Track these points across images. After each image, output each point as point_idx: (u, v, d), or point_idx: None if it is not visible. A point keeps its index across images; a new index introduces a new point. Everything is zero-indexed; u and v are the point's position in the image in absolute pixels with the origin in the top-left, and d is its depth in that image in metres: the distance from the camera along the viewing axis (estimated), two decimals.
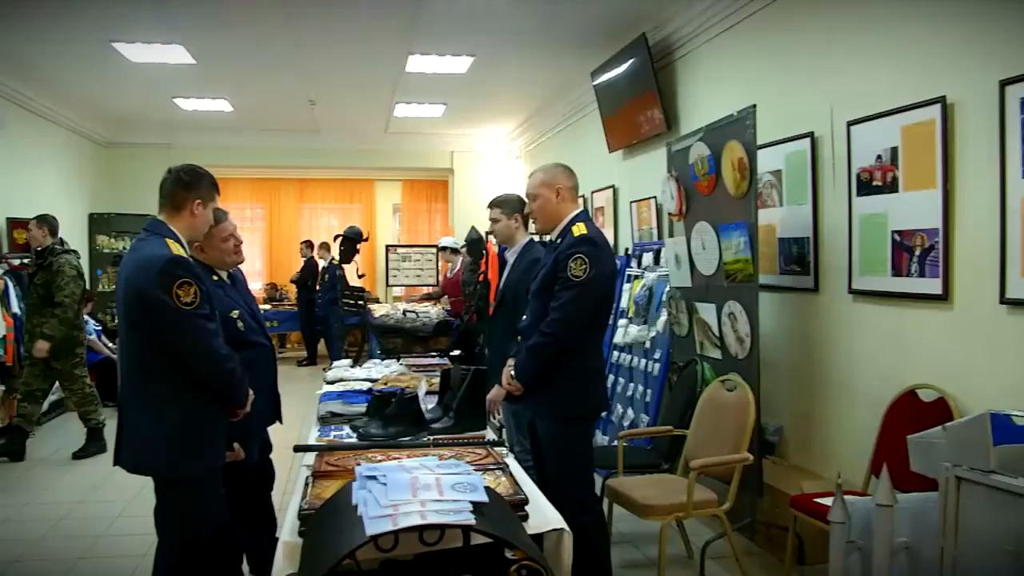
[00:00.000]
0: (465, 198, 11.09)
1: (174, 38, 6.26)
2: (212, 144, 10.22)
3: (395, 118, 9.59)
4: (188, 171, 2.79)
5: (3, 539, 4.32)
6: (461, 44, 6.50)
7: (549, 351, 3.02)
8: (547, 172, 3.28)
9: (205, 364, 2.59)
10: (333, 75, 7.54)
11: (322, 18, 5.81)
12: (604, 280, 3.06)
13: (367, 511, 1.61)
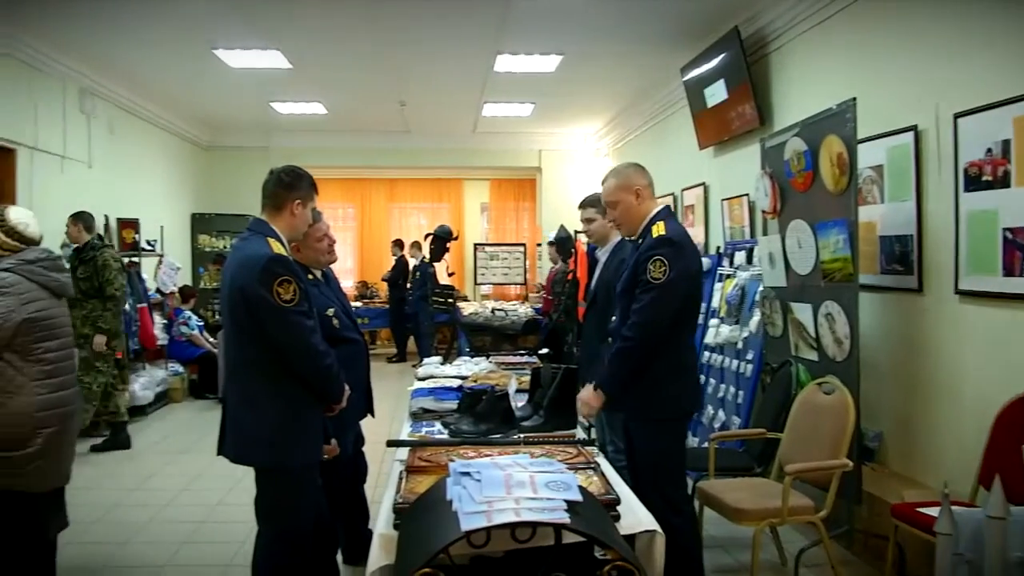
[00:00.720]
0: (553, 197, 11.09)
1: (271, 44, 6.47)
2: (306, 146, 10.54)
3: (483, 117, 9.67)
4: (289, 172, 2.88)
5: (113, 523, 4.54)
6: (549, 43, 6.50)
7: (632, 356, 2.96)
8: (620, 175, 3.21)
9: (303, 360, 2.67)
10: (423, 76, 7.66)
11: (412, 21, 5.91)
12: (687, 279, 2.97)
13: (462, 507, 1.63)
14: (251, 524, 2.91)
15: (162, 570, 3.87)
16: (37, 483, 3.03)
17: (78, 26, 5.97)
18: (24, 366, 2.97)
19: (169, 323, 8.42)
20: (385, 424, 5.51)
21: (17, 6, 5.48)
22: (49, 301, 3.11)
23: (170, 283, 8.57)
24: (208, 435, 6.64)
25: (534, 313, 7.77)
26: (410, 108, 9.12)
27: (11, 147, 6.14)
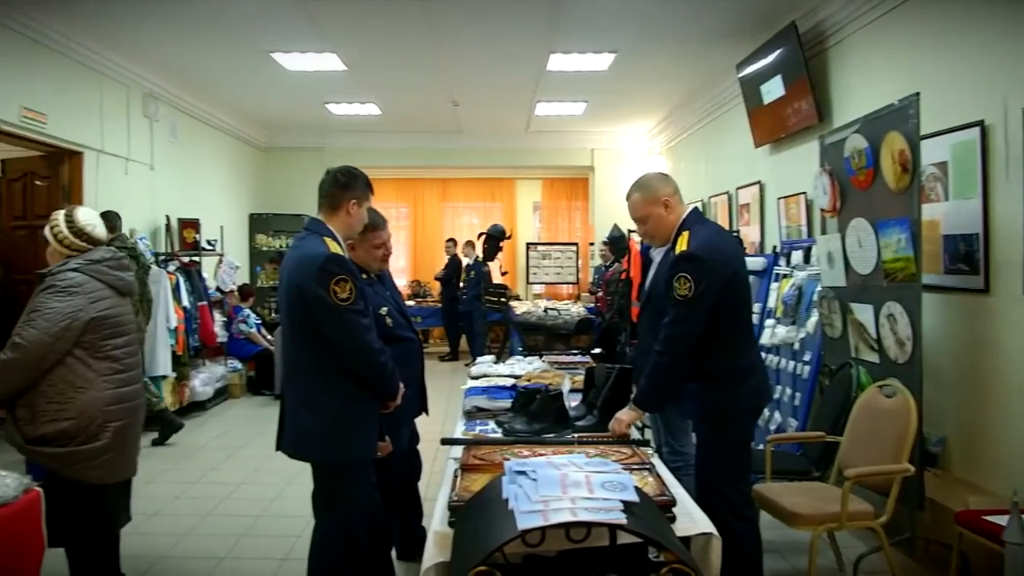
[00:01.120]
0: (605, 196, 11.03)
1: (327, 47, 6.57)
2: (361, 146, 10.67)
3: (536, 117, 9.67)
4: (344, 172, 2.92)
5: (174, 515, 4.66)
6: (603, 41, 6.47)
7: (667, 370, 2.93)
8: (645, 189, 3.14)
9: (359, 358, 2.71)
10: (476, 76, 7.70)
11: (465, 22, 5.95)
12: (716, 290, 2.88)
13: (518, 506, 1.63)
14: (307, 518, 2.96)
15: (221, 562, 3.96)
16: (107, 475, 3.13)
17: (144, 33, 6.16)
18: (93, 363, 3.07)
19: (228, 321, 8.61)
20: (438, 422, 5.54)
21: (88, 15, 5.68)
22: (115, 299, 3.20)
23: (229, 282, 8.76)
24: (265, 431, 6.78)
25: (587, 312, 7.73)
26: (463, 108, 9.17)
27: (79, 150, 6.34)
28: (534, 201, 13.65)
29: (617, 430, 2.96)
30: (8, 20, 5.32)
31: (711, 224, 3.23)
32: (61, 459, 2.99)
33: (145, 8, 5.57)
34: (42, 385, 2.98)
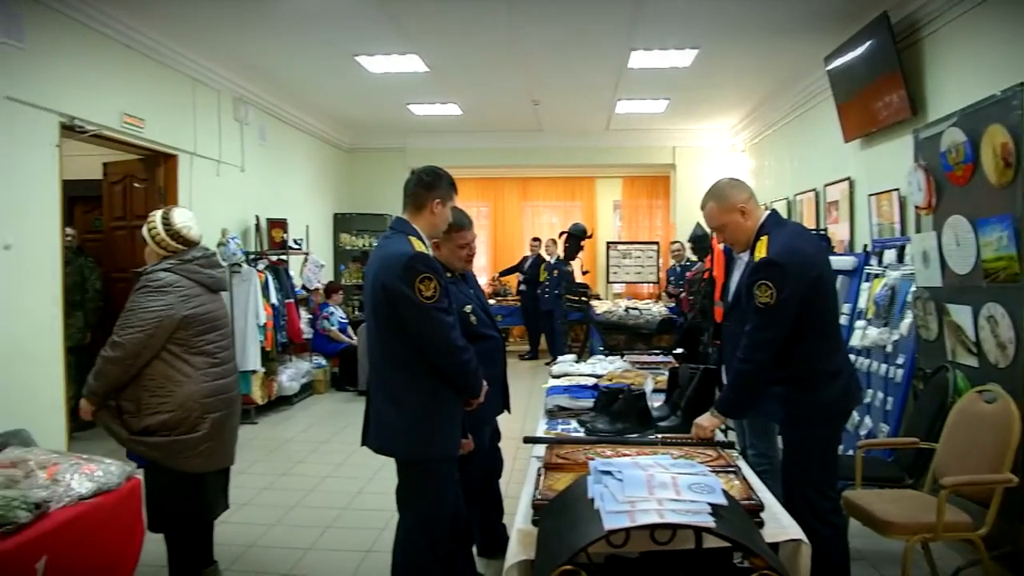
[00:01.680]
0: (687, 194, 10.85)
1: (409, 48, 6.67)
2: (442, 147, 10.79)
3: (616, 115, 9.60)
4: (428, 172, 2.96)
5: (262, 505, 4.81)
6: (685, 37, 6.38)
7: (749, 378, 2.88)
8: (719, 197, 3.08)
9: (443, 355, 2.74)
10: (556, 75, 7.69)
11: (547, 21, 5.95)
12: (799, 294, 2.81)
13: (604, 506, 1.62)
14: (390, 512, 3.01)
15: (307, 553, 4.07)
16: (205, 463, 3.26)
17: (235, 40, 6.37)
18: (189, 358, 3.20)
19: (314, 318, 8.84)
20: (519, 421, 5.56)
21: (183, 23, 5.91)
22: (207, 296, 3.32)
23: (315, 280, 8.99)
24: (349, 426, 6.94)
25: (668, 312, 7.64)
26: (543, 107, 9.17)
27: (174, 153, 6.60)
28: (614, 200, 13.55)
29: (699, 436, 2.91)
30: (108, 29, 5.58)
31: (791, 226, 3.15)
32: (163, 449, 3.13)
33: (236, 15, 5.76)
34: (144, 380, 3.13)
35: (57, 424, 5.10)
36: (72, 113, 5.20)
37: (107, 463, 2.75)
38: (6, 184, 4.64)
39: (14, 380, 4.66)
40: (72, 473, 2.59)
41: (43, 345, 5.00)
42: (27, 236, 4.81)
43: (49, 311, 5.07)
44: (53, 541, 2.37)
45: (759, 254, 2.89)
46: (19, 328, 4.75)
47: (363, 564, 3.92)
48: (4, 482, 2.50)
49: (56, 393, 5.12)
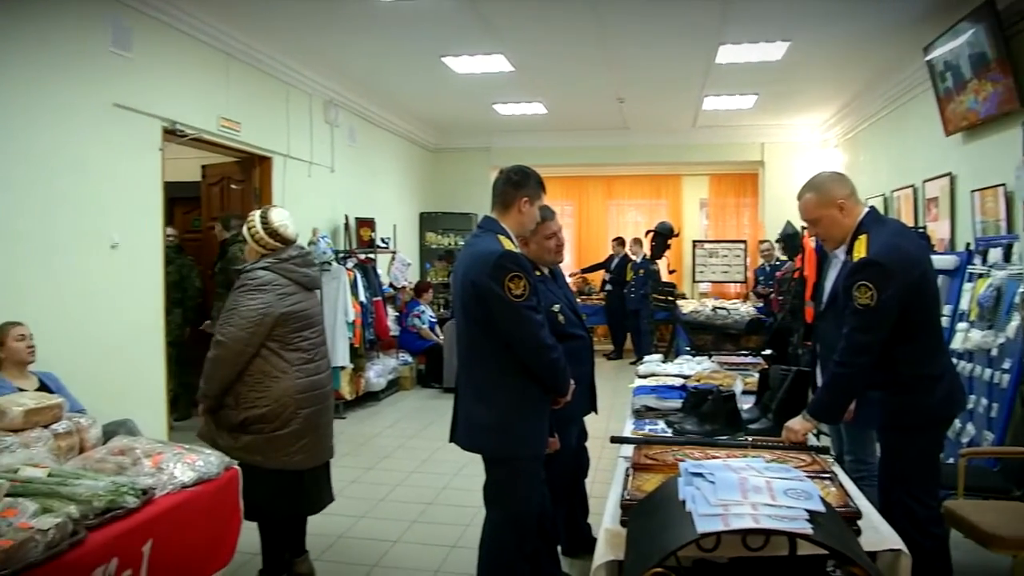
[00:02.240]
0: (777, 191, 10.59)
1: (495, 48, 6.71)
2: (526, 145, 10.82)
3: (704, 111, 9.44)
4: (517, 171, 2.97)
5: (351, 497, 4.91)
6: (775, 29, 6.21)
7: (846, 382, 2.78)
8: (819, 190, 2.98)
9: (532, 353, 2.74)
10: (642, 72, 7.61)
11: (633, 18, 5.90)
12: (900, 296, 2.69)
13: (696, 508, 1.60)
14: (476, 508, 3.04)
15: (394, 546, 4.14)
16: (308, 459, 3.38)
17: (326, 44, 6.55)
18: (285, 354, 3.31)
19: (400, 315, 8.99)
20: (603, 421, 5.53)
21: (276, 28, 6.10)
22: (302, 294, 3.42)
23: (402, 278, 9.15)
24: (435, 422, 7.03)
25: (756, 312, 7.46)
26: (629, 105, 9.10)
27: (268, 155, 6.82)
28: (701, 198, 13.33)
29: (791, 440, 2.83)
30: (207, 37, 5.81)
31: (891, 223, 3.03)
32: (264, 451, 3.26)
33: (329, 20, 5.91)
34: (244, 375, 3.26)
35: (158, 415, 5.34)
36: (173, 118, 5.43)
37: (207, 453, 2.86)
38: (113, 186, 4.87)
39: (120, 372, 4.90)
40: (175, 462, 2.70)
41: (146, 340, 5.24)
42: (132, 235, 5.05)
43: (152, 307, 5.31)
44: (158, 526, 2.48)
45: (858, 253, 2.78)
46: (124, 323, 4.99)
47: (448, 559, 3.96)
48: (114, 469, 2.63)
49: (158, 386, 5.37)
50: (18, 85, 4.15)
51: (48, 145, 4.36)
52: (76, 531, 2.17)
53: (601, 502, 4.02)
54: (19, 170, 4.16)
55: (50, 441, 2.78)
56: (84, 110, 4.63)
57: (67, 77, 4.49)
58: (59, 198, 4.43)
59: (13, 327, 3.73)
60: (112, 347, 4.84)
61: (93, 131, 4.70)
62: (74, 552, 2.12)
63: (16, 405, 2.80)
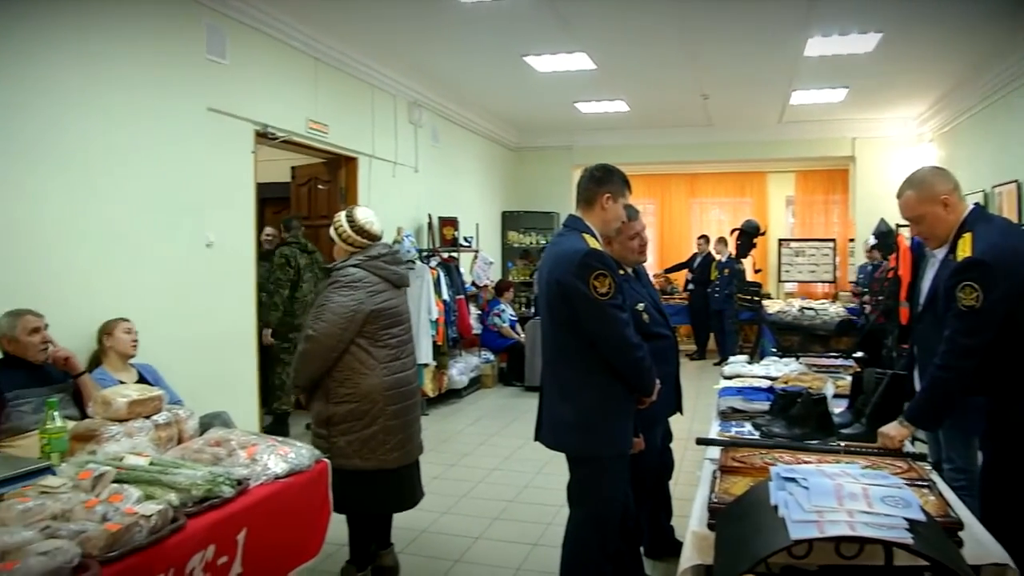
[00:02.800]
0: (868, 188, 10.24)
1: (577, 47, 6.70)
2: (608, 144, 10.76)
3: (791, 106, 9.20)
4: (600, 168, 2.96)
5: (434, 494, 4.94)
6: (867, 19, 6.01)
7: (947, 387, 2.65)
8: (921, 186, 2.85)
9: (617, 352, 2.73)
10: (727, 68, 7.48)
11: (718, 12, 5.80)
12: (1013, 295, 2.57)
13: (789, 514, 1.56)
14: (557, 507, 3.04)
15: (476, 542, 4.18)
16: (402, 458, 3.47)
17: (410, 46, 6.66)
18: (373, 350, 3.39)
19: (483, 314, 9.06)
20: (686, 422, 5.45)
21: (362, 32, 6.24)
22: (391, 292, 3.50)
23: (484, 276, 9.22)
24: (516, 420, 7.06)
25: (847, 313, 7.23)
26: (713, 101, 8.95)
27: (354, 156, 6.96)
28: (787, 195, 13.01)
29: (886, 446, 2.73)
30: (297, 43, 5.97)
31: (998, 221, 2.89)
32: (359, 452, 3.36)
33: (413, 23, 6.01)
34: (334, 370, 3.36)
35: (251, 408, 5.52)
36: (265, 121, 5.60)
37: (299, 446, 2.94)
38: (208, 187, 5.06)
39: (215, 366, 5.08)
40: (268, 454, 2.78)
41: (239, 335, 5.42)
42: (226, 235, 5.23)
43: (244, 304, 5.49)
44: (252, 515, 2.56)
45: (962, 252, 2.66)
46: (219, 319, 5.17)
47: (530, 556, 3.98)
48: (210, 459, 2.73)
49: (250, 379, 5.55)
50: (120, 92, 4.35)
51: (148, 148, 4.55)
52: (176, 518, 2.26)
53: (685, 504, 3.98)
54: (121, 172, 4.35)
55: (152, 431, 2.89)
56: (181, 114, 4.82)
57: (166, 83, 4.68)
58: (158, 199, 4.63)
59: (120, 322, 3.93)
60: (207, 342, 5.02)
61: (189, 134, 4.89)
62: (175, 538, 2.20)
63: (121, 396, 2.93)
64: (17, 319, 3.38)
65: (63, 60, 3.99)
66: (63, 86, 3.99)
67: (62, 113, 3.98)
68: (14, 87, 3.74)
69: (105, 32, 4.25)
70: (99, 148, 4.20)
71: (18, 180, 3.74)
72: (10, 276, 3.66)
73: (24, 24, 3.78)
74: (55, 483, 2.27)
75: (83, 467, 2.38)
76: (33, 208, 3.82)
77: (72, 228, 4.04)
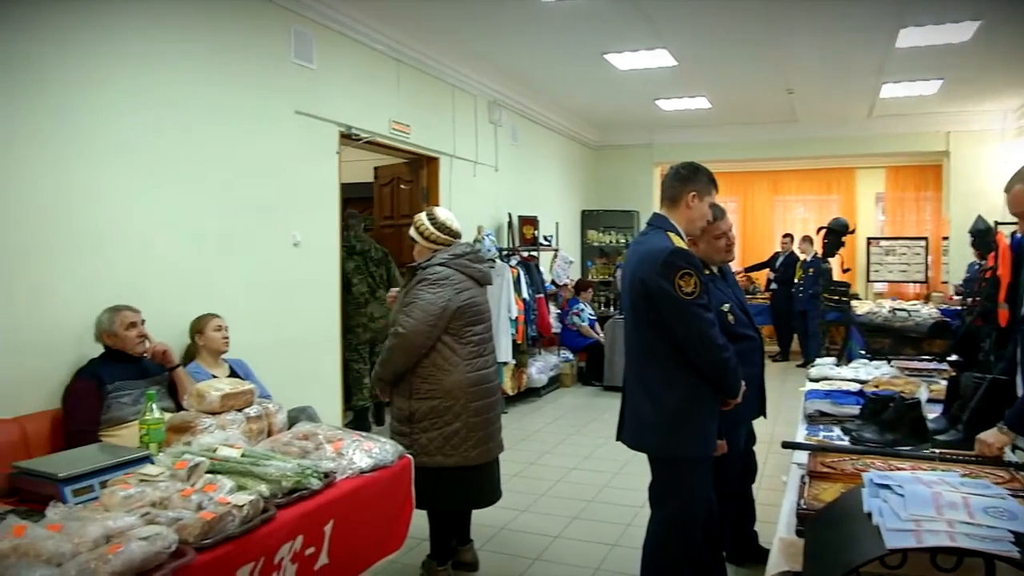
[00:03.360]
0: (964, 184, 9.80)
1: (658, 43, 6.64)
2: (689, 141, 10.62)
3: (881, 100, 8.88)
4: (686, 166, 2.92)
5: (512, 491, 4.96)
6: (964, 8, 5.75)
7: None
8: None
9: (702, 352, 2.69)
10: (813, 61, 7.28)
11: (804, 4, 5.64)
12: None
13: (884, 522, 1.51)
14: (637, 508, 3.01)
15: (554, 541, 4.18)
16: (481, 455, 3.50)
17: (491, 46, 6.71)
18: (457, 347, 3.45)
19: (562, 313, 9.06)
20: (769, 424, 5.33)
21: (443, 33, 6.31)
22: (476, 289, 3.56)
23: (564, 275, 9.21)
24: (595, 419, 7.04)
25: (940, 314, 6.93)
26: (798, 96, 8.72)
27: (435, 156, 7.05)
28: (876, 192, 12.57)
29: (984, 454, 2.61)
30: (380, 46, 6.08)
31: None
32: (441, 449, 3.41)
33: (494, 23, 6.05)
34: (417, 367, 3.42)
35: (334, 404, 5.65)
36: (349, 123, 5.72)
37: (382, 442, 3.00)
38: (296, 188, 5.20)
39: (301, 362, 5.22)
40: (354, 449, 2.85)
41: (324, 332, 5.56)
42: (312, 234, 5.37)
43: (329, 302, 5.63)
44: (338, 508, 2.63)
45: None
46: (305, 316, 5.31)
47: (609, 557, 3.96)
48: (298, 452, 2.81)
49: (334, 376, 5.68)
50: (214, 94, 4.51)
51: (237, 151, 4.71)
52: (267, 508, 2.34)
53: (767, 509, 3.91)
54: (213, 173, 4.51)
55: (243, 424, 3.00)
56: (270, 117, 4.97)
57: (255, 87, 4.83)
58: (247, 200, 4.78)
59: (212, 318, 4.07)
60: (293, 338, 5.16)
61: (277, 137, 5.03)
62: (265, 528, 2.28)
63: (214, 390, 3.05)
64: (116, 315, 3.54)
65: (162, 63, 4.17)
66: (163, 89, 4.17)
67: (159, 114, 4.15)
68: (124, 90, 3.94)
69: (201, 37, 4.42)
70: (192, 148, 4.37)
71: (115, 182, 3.92)
72: (109, 274, 3.85)
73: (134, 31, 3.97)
74: (154, 472, 2.38)
75: (179, 457, 2.49)
76: (130, 208, 3.99)
77: (166, 227, 4.21)
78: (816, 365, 4.33)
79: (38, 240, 3.52)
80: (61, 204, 3.62)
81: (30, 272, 3.49)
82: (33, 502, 2.38)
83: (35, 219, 3.51)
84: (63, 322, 3.60)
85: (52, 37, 3.56)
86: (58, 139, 3.59)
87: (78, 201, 3.71)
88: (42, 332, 3.52)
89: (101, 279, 3.79)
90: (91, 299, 3.65)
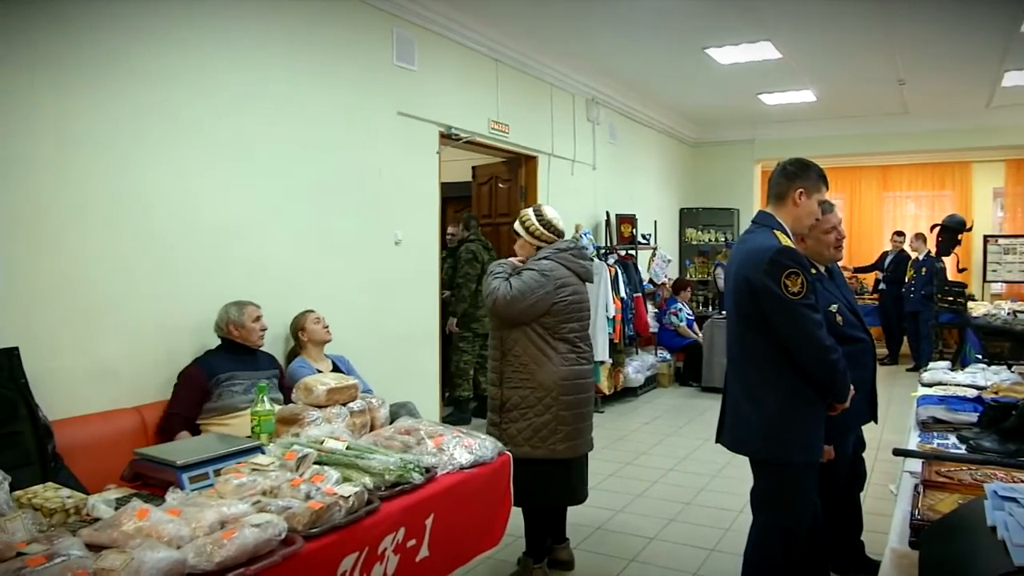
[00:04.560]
0: None
1: (761, 36, 6.48)
2: (793, 136, 10.32)
3: (1003, 88, 8.38)
4: (794, 162, 2.84)
5: (608, 491, 4.98)
6: None
7: None
8: None
9: (809, 353, 2.60)
10: (926, 50, 6.95)
11: None
12: None
13: (1010, 536, 1.43)
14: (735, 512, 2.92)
15: (651, 542, 4.14)
16: (570, 450, 3.50)
17: (589, 44, 6.70)
18: (552, 341, 3.48)
19: (659, 312, 8.95)
20: (877, 430, 5.14)
21: (541, 32, 6.34)
22: (578, 285, 3.59)
23: (662, 274, 9.11)
24: (693, 421, 6.94)
25: None
26: (910, 87, 8.33)
27: (534, 154, 7.08)
28: (994, 187, 11.89)
29: None
30: (480, 47, 6.16)
31: None
32: (529, 440, 3.44)
33: (592, 20, 6.03)
34: (510, 356, 3.48)
35: (432, 398, 5.75)
36: (449, 123, 5.81)
37: (482, 438, 3.03)
38: (398, 188, 5.32)
39: (402, 358, 5.35)
40: (455, 445, 2.89)
41: (424, 329, 5.67)
42: (413, 233, 5.48)
43: (429, 299, 5.73)
44: (438, 502, 2.67)
45: None
46: (405, 313, 5.43)
47: (707, 561, 3.89)
48: (400, 447, 2.87)
49: (432, 371, 5.78)
50: (318, 95, 4.66)
51: (343, 149, 4.85)
52: (371, 500, 2.40)
53: (874, 519, 3.77)
54: (318, 173, 4.67)
55: (347, 418, 3.09)
56: (372, 118, 5.09)
57: (358, 89, 4.96)
58: (351, 199, 4.92)
59: (309, 313, 4.25)
60: (394, 335, 5.29)
61: (379, 137, 5.15)
62: (369, 519, 2.34)
63: (321, 384, 3.15)
64: (243, 308, 3.79)
65: (270, 67, 4.34)
66: (271, 92, 4.35)
67: (267, 116, 4.32)
68: (235, 94, 4.12)
69: (306, 42, 4.57)
70: (298, 148, 4.52)
71: (228, 181, 4.11)
72: (223, 271, 4.04)
73: (243, 39, 4.15)
74: (265, 461, 2.48)
75: (289, 448, 2.58)
76: (244, 207, 4.18)
77: (273, 226, 4.37)
78: (929, 369, 4.14)
79: (160, 238, 3.74)
80: (178, 203, 3.83)
81: (151, 268, 3.70)
82: (153, 486, 2.51)
83: (159, 217, 3.73)
84: (181, 316, 3.82)
85: (171, 51, 3.77)
86: (169, 140, 3.79)
87: (194, 201, 3.91)
88: (163, 326, 3.75)
89: (216, 276, 3.99)
90: (207, 295, 3.87)
